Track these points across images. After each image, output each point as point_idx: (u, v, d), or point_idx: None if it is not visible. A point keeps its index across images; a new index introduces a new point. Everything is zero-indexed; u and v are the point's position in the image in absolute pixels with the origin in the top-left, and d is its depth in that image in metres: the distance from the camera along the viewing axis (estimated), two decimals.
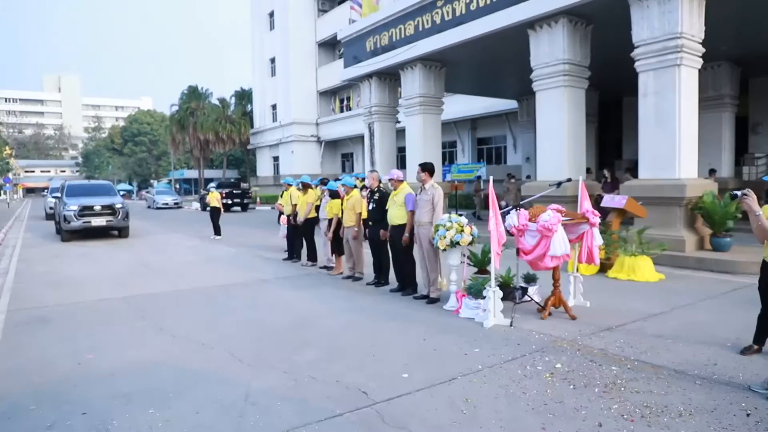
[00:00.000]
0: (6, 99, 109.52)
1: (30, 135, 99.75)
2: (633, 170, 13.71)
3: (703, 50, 9.71)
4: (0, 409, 3.82)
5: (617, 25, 10.85)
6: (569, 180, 7.24)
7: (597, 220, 6.04)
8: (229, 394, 3.95)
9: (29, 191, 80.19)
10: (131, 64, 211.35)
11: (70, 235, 14.82)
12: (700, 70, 9.91)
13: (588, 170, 14.47)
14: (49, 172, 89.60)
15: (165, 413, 3.67)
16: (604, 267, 8.34)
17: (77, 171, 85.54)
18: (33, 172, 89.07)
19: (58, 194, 16.41)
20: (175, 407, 3.77)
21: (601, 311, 6.10)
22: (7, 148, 62.26)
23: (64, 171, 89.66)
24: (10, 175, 59.78)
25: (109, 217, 15.04)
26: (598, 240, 6.19)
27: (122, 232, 15.82)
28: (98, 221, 14.84)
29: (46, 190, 27.47)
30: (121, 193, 24.80)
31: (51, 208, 22.18)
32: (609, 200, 9.09)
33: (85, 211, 14.68)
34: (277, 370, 4.44)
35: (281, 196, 11.59)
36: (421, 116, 15.76)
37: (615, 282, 7.93)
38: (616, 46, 11.45)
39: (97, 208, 14.87)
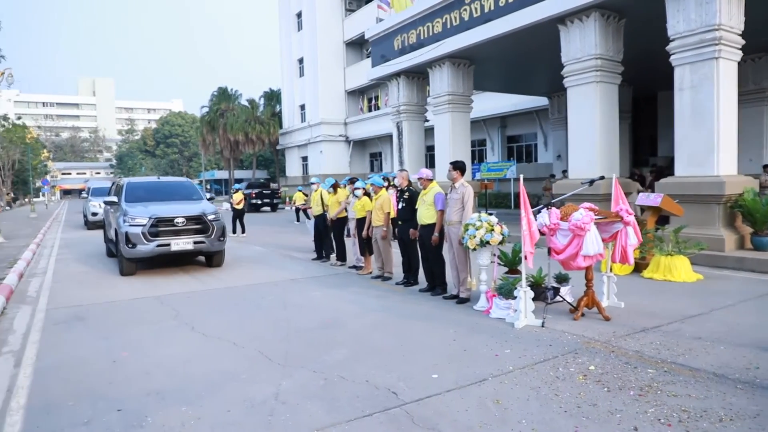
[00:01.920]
0: (44, 103, 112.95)
1: (66, 138, 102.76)
2: (664, 169, 13.38)
3: (743, 42, 9.38)
4: (40, 404, 3.93)
5: (651, 18, 10.58)
6: (602, 178, 7.08)
7: (631, 218, 5.89)
8: (260, 393, 3.98)
9: (66, 193, 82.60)
10: (162, 66, 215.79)
11: (133, 265, 9.45)
12: (739, 63, 9.58)
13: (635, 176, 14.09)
14: (84, 174, 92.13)
15: (197, 411, 3.72)
16: (639, 267, 8.14)
17: (111, 173, 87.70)
18: (69, 174, 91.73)
19: (112, 198, 10.64)
20: (206, 405, 3.81)
21: (636, 312, 5.96)
22: (45, 151, 64.18)
23: (99, 173, 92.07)
24: (48, 177, 61.71)
25: (199, 237, 9.48)
26: (633, 239, 6.03)
27: (215, 259, 10.12)
28: (182, 243, 9.31)
29: (83, 192, 25.23)
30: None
31: (94, 213, 19.75)
32: (644, 198, 8.87)
33: (161, 226, 9.25)
34: (306, 370, 4.45)
35: (295, 195, 12.07)
36: (450, 114, 15.66)
37: (650, 282, 7.73)
38: (650, 40, 11.18)
39: (180, 221, 9.36)
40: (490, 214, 6.40)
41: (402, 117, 17.79)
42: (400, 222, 7.83)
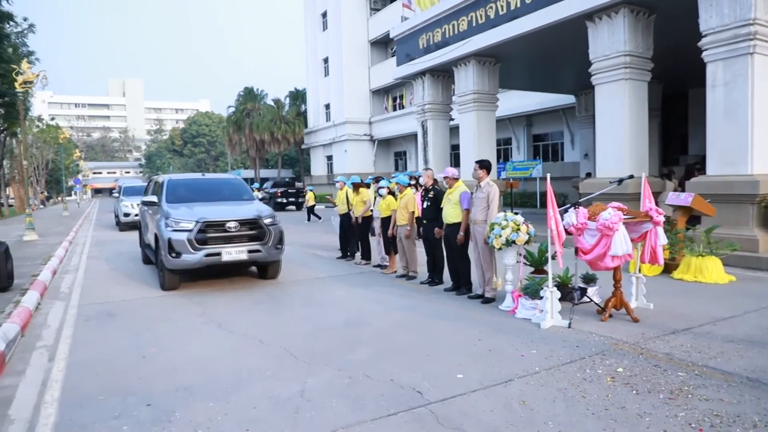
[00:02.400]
0: (76, 104, 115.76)
1: (97, 138, 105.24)
2: (702, 167, 13.09)
3: None
4: (73, 398, 4.03)
5: (682, 13, 10.36)
6: (631, 177, 6.95)
7: (661, 218, 5.77)
8: (285, 390, 4.01)
9: (97, 192, 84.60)
10: (190, 67, 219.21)
11: (176, 278, 8.01)
12: None
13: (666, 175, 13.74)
14: (114, 173, 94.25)
15: (224, 406, 3.77)
16: (669, 268, 7.98)
17: (140, 172, 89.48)
18: (100, 173, 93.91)
19: (150, 198, 9.09)
20: (233, 401, 3.86)
21: (666, 314, 5.84)
22: (77, 151, 65.81)
23: (128, 172, 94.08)
24: (80, 176, 63.25)
25: (254, 244, 7.98)
26: (663, 239, 5.91)
27: (270, 270, 8.63)
28: (234, 252, 7.83)
29: (114, 191, 25.02)
30: None
31: (126, 214, 18.55)
32: (674, 198, 8.69)
33: (211, 231, 7.79)
34: (331, 368, 4.48)
35: (308, 195, 12.10)
36: (475, 113, 15.56)
37: (680, 283, 7.56)
38: (681, 36, 10.95)
39: (232, 225, 7.86)
40: (516, 214, 6.35)
41: (427, 116, 17.75)
42: (424, 221, 7.82)
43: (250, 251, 7.91)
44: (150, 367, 4.68)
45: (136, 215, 16.71)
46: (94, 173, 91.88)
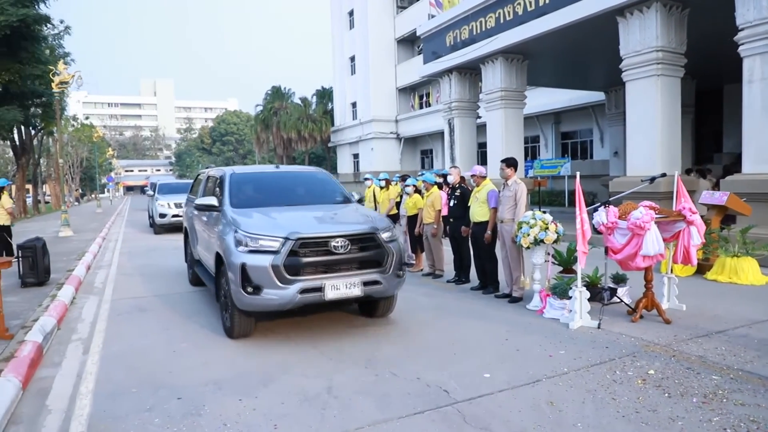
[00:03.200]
0: (109, 104, 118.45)
1: (129, 137, 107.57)
2: (730, 167, 12.76)
3: None
4: (107, 390, 4.14)
5: (717, 7, 10.08)
6: (664, 175, 6.80)
7: (695, 217, 5.64)
8: (313, 387, 4.05)
9: (129, 189, 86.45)
10: (219, 66, 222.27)
11: (250, 321, 5.42)
12: None
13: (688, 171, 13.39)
14: (145, 171, 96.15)
15: (252, 402, 3.82)
16: (702, 268, 7.79)
17: (170, 170, 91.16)
18: (132, 171, 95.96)
19: (207, 201, 6.28)
20: (261, 396, 3.91)
21: (699, 316, 5.70)
22: (110, 149, 67.41)
23: (159, 170, 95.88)
24: (112, 174, 64.73)
25: (370, 273, 5.27)
26: (696, 239, 5.77)
27: (381, 307, 5.99)
28: (343, 286, 5.10)
29: (146, 188, 24.50)
30: None
31: (162, 215, 16.49)
32: (708, 197, 8.47)
33: (307, 253, 5.10)
34: (358, 365, 4.50)
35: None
36: (503, 111, 15.41)
37: (714, 285, 7.37)
38: (716, 30, 10.66)
39: (338, 244, 5.14)
40: (544, 212, 6.27)
41: (454, 113, 17.65)
42: (451, 219, 7.78)
43: (365, 283, 5.08)
44: (180, 361, 4.77)
45: (174, 216, 16.04)
46: (126, 171, 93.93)
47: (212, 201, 6.15)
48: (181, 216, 15.63)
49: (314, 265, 5.05)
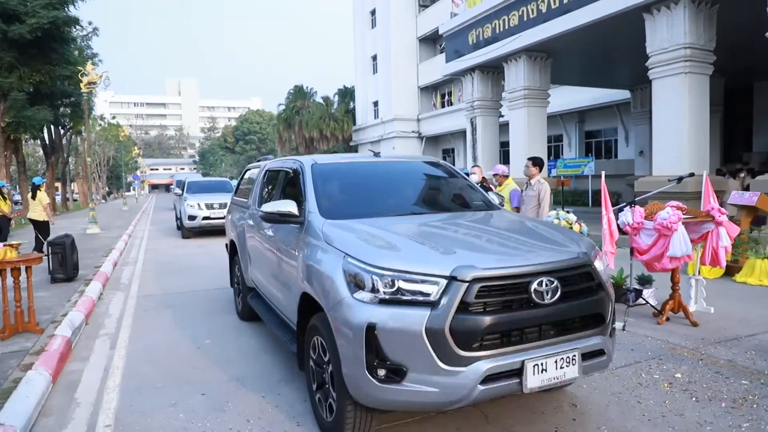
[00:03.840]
0: (134, 103, 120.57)
1: (154, 136, 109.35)
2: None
3: None
4: (133, 384, 4.22)
5: (748, 3, 9.83)
6: (692, 175, 6.67)
7: (724, 218, 5.51)
8: None
9: (153, 187, 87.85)
10: (242, 66, 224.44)
11: (362, 420, 3.03)
12: None
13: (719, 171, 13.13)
14: (170, 169, 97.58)
15: (275, 398, 3.85)
16: (731, 270, 7.61)
17: (194, 168, 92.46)
18: (157, 170, 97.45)
19: (285, 209, 3.88)
20: (284, 393, 3.94)
21: (728, 318, 5.58)
22: (135, 148, 68.64)
23: (183, 168, 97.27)
24: (138, 173, 65.89)
25: (590, 337, 2.98)
26: (725, 240, 5.65)
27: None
28: (552, 367, 2.80)
29: (172, 186, 24.50)
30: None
31: (192, 217, 14.51)
32: (738, 197, 8.29)
33: (495, 303, 2.77)
34: None
35: None
36: (526, 110, 15.27)
37: (744, 287, 7.20)
38: (746, 26, 10.41)
39: (544, 286, 2.83)
40: (568, 212, 6.20)
41: (476, 112, 17.55)
42: None
43: (586, 355, 2.99)
44: (204, 357, 4.84)
45: (205, 219, 14.47)
46: (151, 170, 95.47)
47: (290, 207, 3.88)
48: (213, 219, 14.42)
49: (506, 327, 2.78)
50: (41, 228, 11.11)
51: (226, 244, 6.86)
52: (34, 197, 11.10)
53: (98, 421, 3.60)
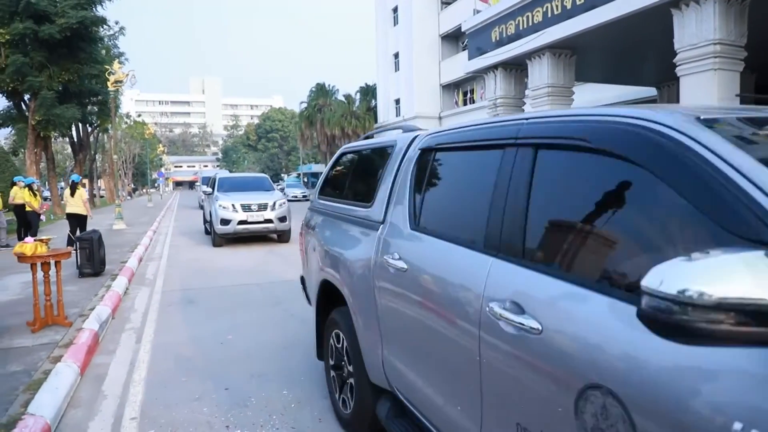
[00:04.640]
0: (159, 101, 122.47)
1: (178, 134, 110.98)
2: None
3: None
4: (158, 378, 4.28)
5: None
6: None
7: None
8: None
9: (178, 184, 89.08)
10: (265, 64, 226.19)
11: None
12: None
13: None
14: (194, 167, 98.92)
15: (297, 394, 3.88)
16: None
17: (217, 165, 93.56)
18: (181, 167, 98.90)
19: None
20: (306, 389, 3.96)
21: None
22: (160, 145, 69.70)
23: (206, 166, 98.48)
24: (162, 170, 66.93)
25: None
26: None
27: None
28: None
29: (196, 184, 24.57)
30: None
31: (225, 221, 12.27)
32: None
33: None
34: None
35: None
36: (549, 107, 15.10)
37: None
38: None
39: None
40: None
41: (499, 110, 17.41)
42: None
43: None
44: (227, 352, 4.89)
45: (241, 223, 12.32)
46: (175, 167, 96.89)
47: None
48: (251, 223, 12.22)
49: None
50: (81, 222, 11.52)
51: (301, 278, 4.64)
52: (73, 194, 11.50)
53: (124, 414, 3.66)
